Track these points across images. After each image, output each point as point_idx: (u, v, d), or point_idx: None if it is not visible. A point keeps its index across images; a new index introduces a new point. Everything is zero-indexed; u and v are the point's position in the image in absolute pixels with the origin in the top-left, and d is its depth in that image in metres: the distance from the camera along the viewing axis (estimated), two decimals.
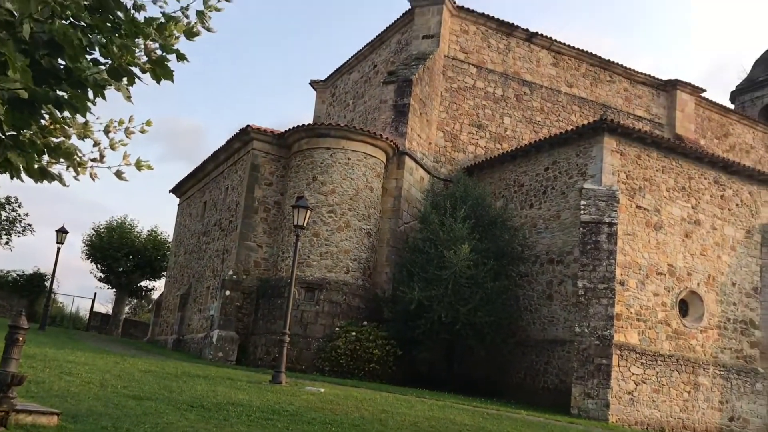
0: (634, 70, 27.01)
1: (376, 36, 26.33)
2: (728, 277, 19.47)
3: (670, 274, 18.37)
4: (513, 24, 24.69)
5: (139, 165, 3.90)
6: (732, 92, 36.04)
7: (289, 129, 20.29)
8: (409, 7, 23.95)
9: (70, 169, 3.85)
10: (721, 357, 18.83)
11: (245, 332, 19.38)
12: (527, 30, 24.91)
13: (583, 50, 25.97)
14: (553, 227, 19.19)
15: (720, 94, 77.89)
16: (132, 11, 3.88)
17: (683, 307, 18.72)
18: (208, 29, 4.27)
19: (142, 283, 37.64)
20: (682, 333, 18.30)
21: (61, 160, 3.87)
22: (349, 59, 28.46)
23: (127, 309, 43.82)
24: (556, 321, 18.37)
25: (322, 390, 12.35)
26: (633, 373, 17.00)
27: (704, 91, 28.26)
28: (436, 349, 18.53)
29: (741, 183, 20.42)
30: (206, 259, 22.95)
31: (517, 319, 18.93)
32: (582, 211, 17.38)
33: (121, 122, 3.94)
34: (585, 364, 16.05)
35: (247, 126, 20.60)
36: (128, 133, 3.89)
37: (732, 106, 33.80)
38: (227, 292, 19.19)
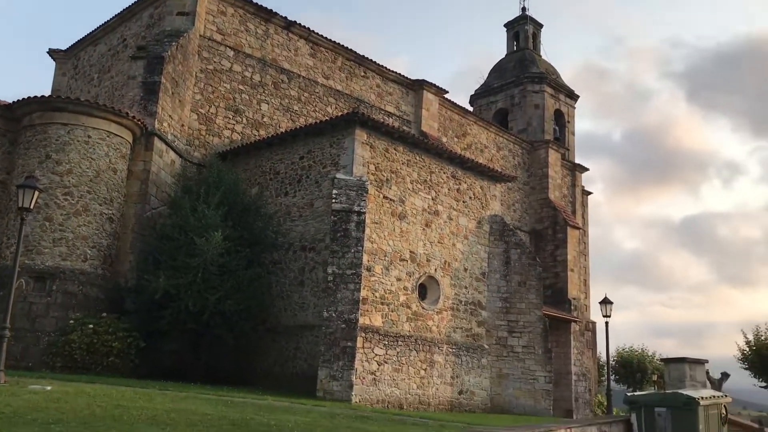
0: (386, 68, 28.41)
1: (126, 8, 24.54)
2: (461, 263, 21.36)
3: (411, 260, 19.65)
4: (272, 10, 24.56)
5: None
6: (471, 96, 39.66)
7: (19, 100, 18.09)
8: None
9: None
10: (453, 336, 20.61)
11: None
12: (286, 18, 24.94)
13: (339, 44, 26.68)
14: (306, 215, 19.49)
15: (463, 96, 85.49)
16: None
17: (422, 291, 20.16)
18: None
19: None
20: (420, 315, 19.69)
21: None
22: (96, 30, 26.20)
23: None
24: (307, 307, 18.71)
25: (49, 388, 11.21)
26: (376, 354, 17.92)
27: (447, 92, 30.66)
28: (183, 340, 17.84)
29: (474, 178, 22.51)
30: None
31: (269, 306, 18.94)
32: (333, 200, 17.85)
33: None
34: (331, 347, 16.54)
35: None
36: None
37: (471, 109, 37.22)
38: None
